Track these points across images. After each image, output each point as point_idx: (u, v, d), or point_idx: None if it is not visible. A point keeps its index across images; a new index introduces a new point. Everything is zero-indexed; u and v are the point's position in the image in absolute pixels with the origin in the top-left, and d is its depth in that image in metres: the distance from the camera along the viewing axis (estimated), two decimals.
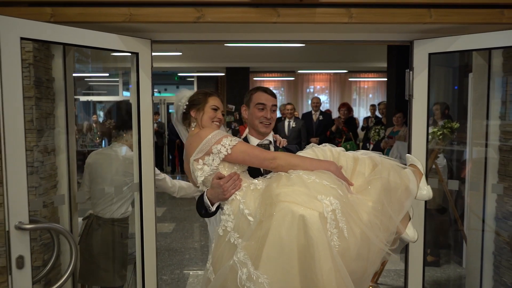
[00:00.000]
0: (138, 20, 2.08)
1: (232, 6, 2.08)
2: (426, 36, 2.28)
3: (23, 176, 1.80)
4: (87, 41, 2.01)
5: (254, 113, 2.07)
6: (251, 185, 1.74)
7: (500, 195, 2.41)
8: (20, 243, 1.79)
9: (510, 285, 2.36)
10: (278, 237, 1.51)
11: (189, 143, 1.79)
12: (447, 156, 4.23)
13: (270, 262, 1.51)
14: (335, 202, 1.55)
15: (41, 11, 2.05)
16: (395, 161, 1.82)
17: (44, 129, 2.21)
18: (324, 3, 2.08)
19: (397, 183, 1.72)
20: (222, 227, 1.72)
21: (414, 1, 2.09)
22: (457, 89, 4.75)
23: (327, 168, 1.70)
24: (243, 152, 1.75)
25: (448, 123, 3.52)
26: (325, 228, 1.51)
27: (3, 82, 1.71)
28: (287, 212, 1.52)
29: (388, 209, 1.67)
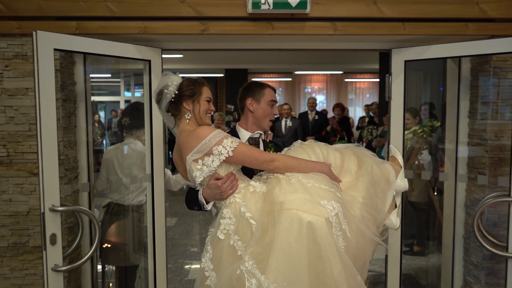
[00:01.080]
0: (151, 32, 2.40)
1: (232, 20, 2.39)
2: (403, 45, 2.60)
3: (56, 167, 2.11)
4: (108, 50, 2.33)
5: (266, 109, 2.12)
6: (249, 187, 1.77)
7: (468, 184, 2.74)
8: (53, 223, 2.11)
9: (476, 264, 2.68)
10: (286, 244, 1.53)
11: (186, 141, 1.76)
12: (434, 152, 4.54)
13: (278, 270, 1.52)
14: (337, 206, 1.60)
15: (67, 24, 2.36)
16: (373, 154, 1.95)
17: (68, 127, 2.52)
18: (313, 18, 2.40)
19: (379, 176, 1.83)
20: (223, 231, 1.70)
21: (390, 16, 2.41)
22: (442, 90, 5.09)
23: (320, 170, 1.76)
24: (244, 154, 1.75)
25: (429, 122, 3.84)
26: (331, 232, 1.55)
27: (40, 87, 2.02)
28: (294, 219, 1.55)
29: (377, 201, 1.78)
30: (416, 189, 4.41)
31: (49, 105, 2.06)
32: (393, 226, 1.88)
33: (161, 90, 1.85)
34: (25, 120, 2.42)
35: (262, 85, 2.18)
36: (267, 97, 2.13)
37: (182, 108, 1.84)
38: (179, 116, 1.86)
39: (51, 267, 2.10)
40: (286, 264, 1.52)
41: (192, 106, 1.83)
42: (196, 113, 1.83)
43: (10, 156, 2.43)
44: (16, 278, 2.48)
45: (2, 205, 2.44)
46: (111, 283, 3.23)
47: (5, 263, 2.47)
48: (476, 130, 2.70)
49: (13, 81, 2.40)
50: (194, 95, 1.84)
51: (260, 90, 2.15)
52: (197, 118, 1.84)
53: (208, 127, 1.79)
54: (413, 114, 4.66)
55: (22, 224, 2.46)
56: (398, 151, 2.03)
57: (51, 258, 2.10)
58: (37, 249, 2.47)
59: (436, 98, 5.11)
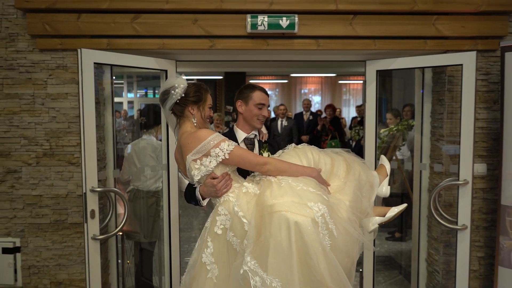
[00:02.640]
0: (168, 47, 2.93)
1: (235, 38, 2.93)
2: (375, 57, 3.14)
3: (94, 157, 2.65)
4: (134, 63, 2.87)
5: (253, 111, 2.19)
6: (242, 187, 1.88)
7: (430, 172, 3.28)
8: (92, 201, 2.64)
9: (436, 238, 3.23)
10: (278, 243, 1.66)
11: (187, 142, 1.88)
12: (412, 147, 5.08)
13: (275, 266, 1.65)
14: (323, 207, 1.71)
15: (100, 41, 2.89)
16: (362, 160, 2.11)
17: (98, 125, 3.04)
18: (300, 36, 2.93)
19: (364, 181, 1.97)
20: (220, 226, 1.83)
21: (363, 35, 2.95)
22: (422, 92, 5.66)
23: (309, 174, 1.87)
24: (239, 156, 1.86)
25: (405, 121, 4.39)
26: (317, 231, 1.67)
27: (84, 93, 2.56)
28: (283, 220, 1.66)
29: (363, 204, 1.90)
30: (397, 182, 4.96)
31: (89, 107, 2.60)
32: (385, 195, 2.04)
33: (167, 90, 1.95)
34: (65, 119, 2.95)
35: (252, 88, 2.24)
36: (255, 100, 2.20)
37: (187, 111, 1.95)
38: (182, 117, 1.97)
39: (91, 237, 2.64)
40: (281, 260, 1.65)
41: (196, 111, 1.96)
42: (199, 117, 1.97)
43: (52, 149, 2.96)
44: (57, 249, 3.01)
45: (45, 189, 2.98)
46: (129, 261, 3.76)
47: (48, 237, 3.00)
48: (436, 127, 3.25)
49: (55, 87, 2.93)
50: (199, 102, 1.97)
51: (249, 93, 2.23)
52: (199, 122, 1.98)
53: (208, 130, 1.91)
54: (395, 114, 5.23)
55: (61, 205, 2.99)
56: (388, 160, 2.18)
57: (90, 229, 2.64)
58: (73, 225, 3.00)
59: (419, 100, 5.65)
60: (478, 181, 3.07)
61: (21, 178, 2.96)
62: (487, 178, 3.09)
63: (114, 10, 2.84)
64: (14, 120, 2.93)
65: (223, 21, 2.89)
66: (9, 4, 2.86)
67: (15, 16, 2.87)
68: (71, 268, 3.02)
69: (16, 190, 2.96)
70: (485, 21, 2.95)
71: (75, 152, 2.96)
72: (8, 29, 2.88)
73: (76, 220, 2.99)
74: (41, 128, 2.94)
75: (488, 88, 3.06)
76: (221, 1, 2.84)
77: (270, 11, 2.85)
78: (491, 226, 3.09)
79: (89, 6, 2.82)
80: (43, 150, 2.95)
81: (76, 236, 3.00)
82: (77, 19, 2.84)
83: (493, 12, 2.93)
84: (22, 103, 2.93)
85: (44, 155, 2.96)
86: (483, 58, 3.02)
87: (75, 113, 2.93)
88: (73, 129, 2.95)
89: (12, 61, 2.90)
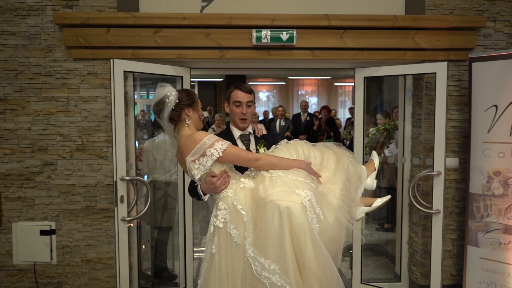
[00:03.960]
0: (184, 57, 3.40)
1: (242, 49, 3.40)
2: (362, 65, 3.62)
3: (123, 150, 3.11)
4: (156, 70, 3.33)
5: (233, 110, 2.31)
6: (239, 183, 2.01)
7: (411, 165, 3.76)
8: (121, 188, 3.11)
9: (416, 222, 3.71)
10: (273, 229, 1.81)
11: (185, 144, 2.01)
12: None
13: (272, 251, 1.81)
14: (310, 194, 1.86)
15: (125, 52, 3.35)
16: (352, 153, 2.23)
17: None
18: (298, 47, 3.41)
19: (353, 173, 2.12)
20: (221, 219, 1.97)
21: (352, 46, 3.42)
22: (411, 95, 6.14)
23: (298, 166, 2.01)
24: (232, 154, 1.99)
25: (393, 121, 4.87)
26: (306, 215, 1.81)
27: (115, 96, 3.02)
28: (275, 208, 1.82)
29: (351, 193, 2.04)
30: (386, 177, 5.44)
31: (120, 108, 3.06)
32: (371, 187, 2.17)
33: (161, 99, 2.04)
34: (95, 119, 3.42)
35: (232, 88, 2.34)
36: (233, 98, 2.32)
37: (183, 115, 2.07)
38: (180, 122, 2.08)
39: (120, 218, 3.10)
40: (277, 244, 1.81)
41: (192, 112, 2.09)
42: (196, 118, 2.11)
43: (84, 144, 3.43)
44: (87, 231, 3.47)
45: (78, 179, 3.44)
46: (144, 246, 4.22)
47: (79, 220, 3.46)
48: (415, 126, 3.73)
49: (86, 91, 3.40)
50: (193, 103, 2.10)
51: (229, 93, 2.34)
52: (195, 122, 2.10)
53: (203, 132, 2.03)
54: (385, 115, 5.72)
55: (91, 193, 3.45)
56: (378, 156, 2.33)
57: (120, 212, 3.10)
58: (102, 211, 3.46)
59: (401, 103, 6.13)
60: (451, 173, 3.56)
61: (57, 169, 3.42)
62: (459, 171, 3.58)
63: (138, 25, 3.31)
64: (51, 119, 3.39)
65: (231, 35, 3.35)
66: (47, 20, 3.33)
67: (53, 30, 3.34)
68: (99, 247, 3.48)
69: (52, 180, 3.43)
70: (456, 35, 3.43)
71: (103, 147, 3.42)
72: (47, 41, 3.34)
73: (104, 206, 3.45)
74: (74, 126, 3.41)
75: (460, 92, 3.54)
76: (230, 18, 3.31)
77: (272, 27, 3.32)
78: (462, 212, 3.58)
79: (116, 22, 3.28)
80: (76, 146, 3.42)
81: (104, 220, 3.47)
82: (107, 33, 3.30)
83: (463, 28, 3.42)
84: (58, 105, 3.39)
85: (77, 149, 3.42)
86: (455, 67, 3.51)
87: (104, 113, 3.39)
88: (101, 127, 3.42)
89: (50, 69, 3.36)
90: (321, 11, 3.40)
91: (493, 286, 3.25)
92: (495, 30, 3.50)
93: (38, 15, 3.32)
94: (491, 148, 3.24)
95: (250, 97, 2.32)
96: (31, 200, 3.42)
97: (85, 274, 3.48)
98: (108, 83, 3.32)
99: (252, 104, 2.33)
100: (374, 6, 3.48)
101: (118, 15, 3.29)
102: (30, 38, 3.34)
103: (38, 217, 3.44)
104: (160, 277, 3.96)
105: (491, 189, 3.25)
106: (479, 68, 3.27)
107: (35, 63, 3.35)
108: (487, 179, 3.26)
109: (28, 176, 3.41)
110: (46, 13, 3.32)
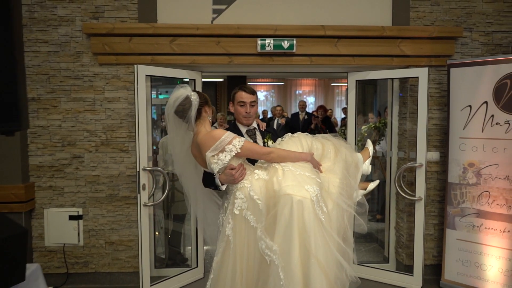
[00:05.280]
0: (197, 62, 3.84)
1: (248, 56, 3.84)
2: (354, 70, 4.08)
3: (145, 144, 3.56)
4: (172, 74, 3.77)
5: (237, 109, 2.52)
6: (254, 174, 2.22)
7: (398, 158, 4.22)
8: (143, 177, 3.55)
9: (402, 209, 4.17)
10: (284, 216, 2.02)
11: (204, 141, 2.20)
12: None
13: (279, 235, 2.02)
14: (317, 189, 2.07)
15: (145, 58, 3.79)
16: (348, 143, 2.52)
17: None
18: (297, 54, 3.86)
19: (350, 161, 2.36)
20: (238, 207, 2.19)
21: (345, 53, 3.88)
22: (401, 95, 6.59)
23: (305, 159, 2.24)
24: (248, 149, 2.20)
25: (383, 120, 5.32)
26: (314, 208, 2.03)
27: (138, 97, 3.46)
28: (288, 200, 2.03)
29: (350, 181, 2.26)
30: (377, 171, 5.90)
31: (142, 107, 3.50)
32: (366, 172, 2.42)
33: (186, 98, 2.23)
34: (118, 117, 3.86)
35: (236, 89, 2.53)
36: (237, 99, 2.52)
37: (203, 112, 2.31)
38: (199, 119, 2.29)
39: (142, 204, 3.55)
40: (284, 231, 2.02)
41: (208, 110, 2.36)
42: (211, 114, 2.37)
43: (108, 140, 3.87)
44: (110, 217, 3.91)
45: (102, 170, 3.88)
46: (158, 232, 4.65)
47: (104, 207, 3.90)
48: (401, 124, 4.19)
49: (110, 92, 3.84)
50: (208, 102, 2.36)
51: (234, 94, 2.55)
52: (212, 118, 2.50)
53: (221, 130, 2.23)
54: (374, 114, 6.18)
55: (114, 183, 3.89)
56: (372, 144, 2.62)
57: (142, 198, 3.55)
58: (123, 198, 3.90)
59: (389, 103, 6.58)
60: (433, 165, 4.02)
61: (84, 162, 3.86)
62: (440, 163, 4.04)
63: (157, 35, 3.75)
64: (79, 117, 3.83)
65: (239, 43, 3.80)
66: (76, 30, 3.77)
67: (81, 38, 3.78)
68: (121, 231, 3.92)
69: (79, 171, 3.87)
70: (437, 44, 3.89)
71: (125, 142, 3.86)
72: (76, 48, 3.78)
73: (125, 194, 3.89)
74: (100, 123, 3.85)
75: (440, 94, 4.01)
76: (238, 28, 3.76)
77: (275, 36, 3.77)
78: (443, 200, 4.04)
79: (138, 31, 3.73)
80: (101, 141, 3.86)
81: (125, 207, 3.91)
82: (129, 41, 3.74)
83: (443, 37, 3.88)
84: (85, 105, 3.83)
85: (102, 144, 3.86)
86: (436, 71, 3.97)
87: (125, 112, 3.84)
88: (123, 124, 3.86)
89: (78, 73, 3.80)
90: (318, 22, 3.85)
91: (468, 263, 3.71)
92: (471, 39, 3.96)
93: (68, 25, 3.76)
94: (466, 143, 3.70)
95: (253, 98, 2.53)
96: (61, 189, 3.86)
97: (108, 254, 3.92)
98: (129, 85, 3.78)
99: (255, 104, 2.53)
100: (365, 17, 3.94)
101: (139, 25, 3.73)
102: (61, 46, 3.77)
103: (67, 204, 3.87)
104: (174, 259, 4.41)
105: (466, 179, 3.71)
106: (456, 73, 3.73)
107: (65, 68, 3.79)
108: (462, 170, 3.73)
109: (58, 168, 3.85)
110: (75, 24, 3.76)
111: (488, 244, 3.59)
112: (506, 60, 3.46)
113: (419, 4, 3.92)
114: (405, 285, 3.88)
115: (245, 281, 2.14)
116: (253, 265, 2.14)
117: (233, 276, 2.16)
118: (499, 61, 3.49)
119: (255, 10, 3.87)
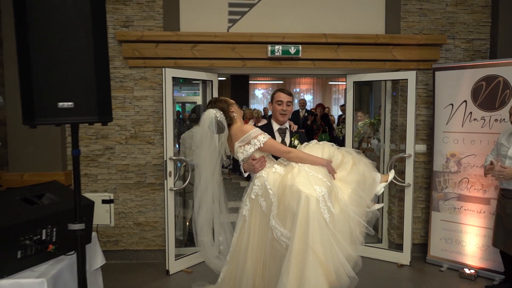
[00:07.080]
0: (214, 66, 4.38)
1: (259, 60, 4.39)
2: (352, 72, 4.63)
3: (171, 137, 4.09)
4: (193, 76, 4.32)
5: (275, 107, 2.88)
6: (272, 168, 2.46)
7: (390, 150, 4.79)
8: (169, 165, 4.09)
9: (393, 195, 4.74)
10: (291, 208, 2.26)
11: (235, 133, 2.51)
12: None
13: (289, 223, 2.26)
14: (324, 190, 2.26)
15: (169, 61, 4.32)
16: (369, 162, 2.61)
17: None
18: (302, 59, 4.41)
19: (368, 176, 2.49)
20: (254, 193, 2.46)
21: (344, 58, 4.43)
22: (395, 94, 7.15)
23: (321, 164, 2.44)
24: (270, 146, 2.45)
25: (378, 117, 5.88)
26: (318, 206, 2.21)
27: (166, 96, 4.00)
28: (298, 193, 2.25)
29: (361, 192, 2.40)
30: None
31: (169, 105, 4.04)
32: (377, 192, 2.56)
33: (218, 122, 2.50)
34: (145, 113, 4.39)
35: (275, 91, 2.92)
36: (276, 98, 2.93)
37: (231, 114, 2.58)
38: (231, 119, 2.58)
39: (169, 189, 4.09)
40: (291, 221, 2.27)
41: (233, 108, 2.62)
42: (236, 110, 2.63)
43: (136, 133, 4.41)
44: (138, 201, 4.45)
45: (131, 160, 4.42)
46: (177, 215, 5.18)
47: (132, 192, 4.44)
48: (393, 120, 4.76)
49: (139, 91, 4.37)
50: (229, 104, 2.62)
51: (273, 95, 2.95)
52: (238, 113, 2.62)
53: (250, 125, 2.54)
54: (364, 112, 6.74)
55: (142, 171, 4.43)
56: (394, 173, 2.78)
57: (169, 184, 4.09)
58: (150, 185, 4.44)
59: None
60: (420, 156, 4.59)
61: (115, 152, 4.40)
62: (426, 154, 4.61)
63: (180, 41, 4.28)
64: None
65: (251, 49, 4.34)
66: (109, 37, 4.29)
67: (113, 44, 4.31)
68: (147, 213, 4.47)
69: (111, 161, 4.40)
70: (424, 50, 4.45)
71: (151, 135, 4.40)
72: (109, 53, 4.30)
73: (151, 181, 4.43)
74: (129, 119, 4.38)
75: (427, 94, 4.57)
76: (250, 36, 4.30)
77: (283, 43, 4.32)
78: (429, 186, 4.61)
79: (163, 39, 4.26)
80: (130, 134, 4.39)
81: (151, 192, 4.45)
82: (156, 47, 4.28)
83: (429, 44, 4.44)
84: (116, 102, 4.36)
85: (131, 137, 4.40)
86: (424, 74, 4.53)
87: (152, 109, 4.37)
88: (150, 120, 4.39)
89: (111, 75, 4.30)
90: (321, 30, 4.40)
91: (450, 241, 4.29)
92: (454, 46, 4.53)
93: None
94: (449, 136, 4.27)
95: (289, 98, 2.89)
96: (94, 176, 4.40)
97: (136, 234, 4.47)
98: (155, 86, 4.31)
99: (291, 104, 2.86)
100: (361, 27, 4.49)
101: (164, 33, 4.26)
102: None
103: (100, 190, 4.41)
104: (191, 240, 4.95)
105: (448, 168, 4.28)
106: (440, 76, 4.29)
107: None
108: (446, 160, 4.30)
109: (92, 158, 4.38)
110: (108, 31, 4.28)
111: (467, 223, 4.16)
112: (482, 65, 4.03)
113: (409, 15, 4.48)
114: (396, 261, 4.45)
115: (255, 253, 2.48)
116: (263, 241, 2.46)
117: (246, 248, 2.51)
118: (476, 66, 4.06)
119: (266, 20, 4.41)
